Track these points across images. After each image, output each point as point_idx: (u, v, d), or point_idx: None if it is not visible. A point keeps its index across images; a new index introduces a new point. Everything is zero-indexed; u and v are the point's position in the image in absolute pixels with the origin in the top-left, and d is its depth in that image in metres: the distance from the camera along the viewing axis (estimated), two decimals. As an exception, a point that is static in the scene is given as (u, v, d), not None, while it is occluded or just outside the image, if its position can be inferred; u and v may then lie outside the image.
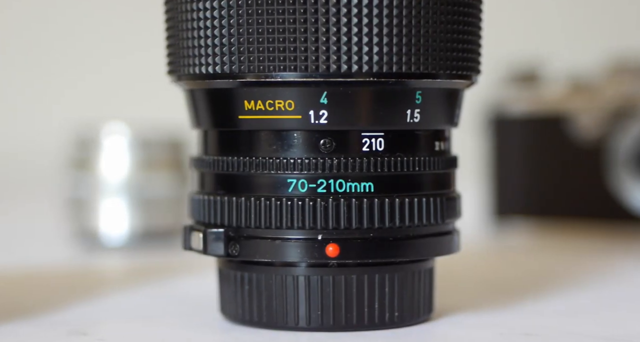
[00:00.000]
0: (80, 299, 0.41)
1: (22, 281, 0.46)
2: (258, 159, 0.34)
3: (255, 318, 0.35)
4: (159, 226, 0.59)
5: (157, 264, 0.53)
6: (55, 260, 0.54)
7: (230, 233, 0.35)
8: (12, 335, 0.34)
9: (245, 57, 0.33)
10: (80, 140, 0.59)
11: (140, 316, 0.37)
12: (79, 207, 0.58)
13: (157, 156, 0.59)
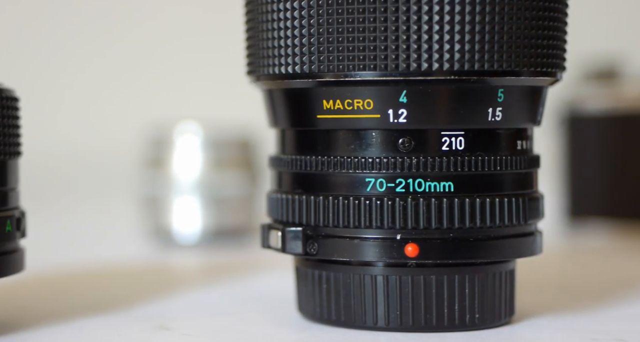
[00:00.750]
0: (162, 295, 0.42)
1: (102, 276, 0.48)
2: (336, 158, 0.34)
3: (333, 317, 0.35)
4: (229, 224, 0.60)
5: (230, 261, 0.54)
6: (131, 256, 0.55)
7: (308, 232, 0.35)
8: (103, 328, 0.35)
9: (324, 57, 0.33)
10: (154, 140, 0.60)
11: (220, 313, 0.38)
12: (153, 205, 0.60)
13: (229, 155, 0.60)
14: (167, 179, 0.59)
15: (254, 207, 0.62)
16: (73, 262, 0.50)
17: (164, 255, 0.56)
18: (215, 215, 0.59)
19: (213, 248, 0.58)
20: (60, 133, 0.98)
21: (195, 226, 0.59)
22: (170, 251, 0.58)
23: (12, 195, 0.34)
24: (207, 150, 0.59)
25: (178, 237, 0.59)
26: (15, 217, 0.34)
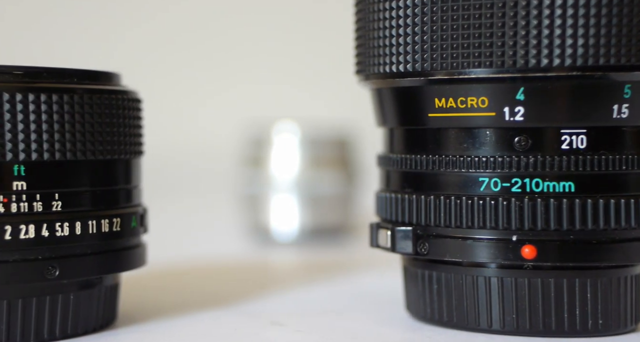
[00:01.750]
0: (268, 291, 0.43)
1: (207, 272, 0.49)
2: (448, 157, 0.34)
3: (444, 318, 0.34)
4: (326, 223, 0.60)
5: (328, 259, 0.54)
6: (232, 253, 0.56)
7: (419, 231, 0.34)
8: (219, 322, 0.36)
9: (437, 55, 0.33)
10: (253, 139, 0.61)
11: (329, 310, 0.38)
12: (252, 203, 0.60)
13: (326, 154, 0.60)
14: (266, 178, 0.60)
15: (351, 205, 0.61)
16: (177, 258, 0.51)
17: (262, 252, 0.57)
18: (313, 213, 0.59)
19: (310, 246, 0.58)
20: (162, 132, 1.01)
21: (292, 224, 0.59)
22: (268, 249, 0.58)
23: (135, 192, 0.35)
24: (304, 149, 0.59)
25: (276, 235, 0.59)
26: (139, 213, 0.35)
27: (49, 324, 0.32)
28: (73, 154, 0.32)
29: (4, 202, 0.31)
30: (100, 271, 0.34)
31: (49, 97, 0.32)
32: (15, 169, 0.31)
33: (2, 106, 0.31)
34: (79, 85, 0.33)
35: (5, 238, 0.31)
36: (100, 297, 0.34)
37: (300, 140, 0.59)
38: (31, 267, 0.32)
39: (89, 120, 0.33)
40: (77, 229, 0.33)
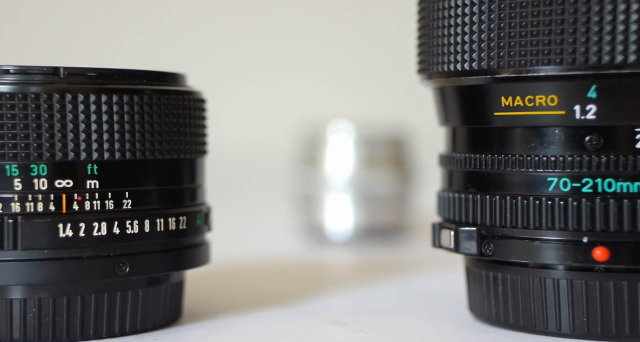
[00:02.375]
0: (327, 290, 0.43)
1: (265, 270, 0.49)
2: (514, 156, 0.33)
3: (510, 320, 0.34)
4: (381, 223, 0.59)
5: (384, 259, 0.53)
6: (287, 252, 0.56)
7: (483, 232, 0.34)
8: (281, 320, 0.36)
9: (504, 52, 0.32)
10: (308, 139, 0.61)
11: (390, 310, 0.38)
12: (307, 202, 0.60)
13: (380, 154, 0.60)
14: (320, 177, 0.60)
15: (406, 205, 0.61)
16: (234, 256, 0.52)
17: (317, 252, 0.57)
18: (367, 213, 0.59)
19: (364, 246, 0.58)
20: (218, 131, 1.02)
21: (347, 224, 0.59)
22: (322, 248, 0.58)
23: (200, 191, 0.36)
24: (359, 149, 0.59)
25: (330, 235, 0.59)
26: (203, 212, 0.35)
27: (120, 320, 0.33)
28: (142, 154, 0.33)
29: (78, 201, 0.32)
30: (167, 268, 0.34)
31: (120, 98, 0.32)
32: (88, 168, 0.32)
33: (77, 107, 0.32)
34: (148, 86, 0.34)
35: (79, 235, 0.32)
36: (167, 294, 0.35)
37: (355, 140, 0.59)
38: (103, 263, 0.32)
39: (157, 121, 0.33)
40: (146, 227, 0.33)
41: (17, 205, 0.31)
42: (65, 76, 0.32)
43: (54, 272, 0.32)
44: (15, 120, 0.31)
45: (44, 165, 0.32)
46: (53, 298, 0.32)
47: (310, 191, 0.60)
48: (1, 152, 0.31)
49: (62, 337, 0.32)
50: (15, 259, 0.31)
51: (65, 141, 0.32)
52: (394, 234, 0.60)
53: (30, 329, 0.32)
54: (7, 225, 0.31)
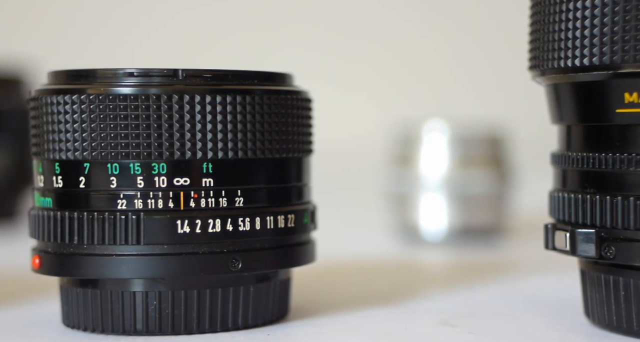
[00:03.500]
0: (430, 290, 0.43)
1: (363, 269, 0.49)
2: (638, 155, 0.32)
3: (634, 327, 0.32)
4: (477, 223, 0.59)
5: (483, 260, 0.53)
6: (382, 251, 0.56)
7: (603, 234, 0.32)
8: (387, 319, 0.36)
9: (630, 46, 0.31)
10: (402, 138, 0.61)
11: (500, 313, 0.37)
12: (400, 201, 0.60)
13: (477, 152, 0.59)
14: (414, 176, 0.60)
15: (505, 205, 0.60)
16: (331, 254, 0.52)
17: (412, 251, 0.57)
18: (462, 213, 0.59)
19: (460, 246, 0.57)
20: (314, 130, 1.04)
21: (441, 224, 0.59)
22: (417, 248, 0.58)
23: (306, 190, 0.36)
24: (454, 148, 0.59)
25: (424, 234, 0.59)
26: (310, 210, 0.36)
27: (233, 314, 0.34)
28: (253, 153, 0.34)
29: (195, 198, 0.33)
30: (276, 265, 0.35)
31: (233, 99, 0.33)
32: (204, 166, 0.33)
33: (194, 108, 0.33)
34: (259, 86, 0.34)
35: (195, 231, 0.33)
36: (275, 290, 0.35)
37: (450, 139, 0.59)
38: (217, 259, 0.33)
39: (267, 120, 0.34)
40: (256, 224, 0.34)
41: (139, 202, 0.33)
42: (183, 78, 0.33)
43: (172, 267, 0.33)
44: (138, 120, 0.33)
45: (164, 163, 0.33)
46: (172, 292, 0.33)
47: (404, 190, 0.60)
48: (126, 151, 0.33)
49: (180, 330, 0.33)
50: (138, 253, 0.33)
51: (183, 140, 0.33)
52: (491, 234, 0.59)
53: (152, 321, 0.33)
54: (131, 221, 0.33)
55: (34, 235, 0.34)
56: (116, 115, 0.33)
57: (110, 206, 0.33)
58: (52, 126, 0.33)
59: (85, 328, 0.34)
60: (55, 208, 0.33)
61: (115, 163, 0.33)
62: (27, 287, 0.43)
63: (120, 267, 0.33)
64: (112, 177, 0.33)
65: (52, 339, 0.33)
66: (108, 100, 0.33)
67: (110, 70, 0.33)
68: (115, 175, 0.33)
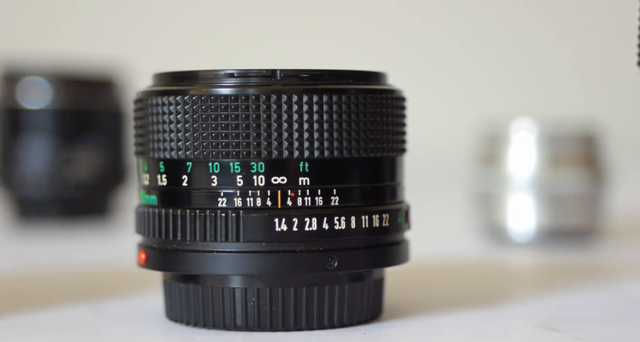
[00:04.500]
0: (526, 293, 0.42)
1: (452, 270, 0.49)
2: None
3: None
4: (568, 224, 0.58)
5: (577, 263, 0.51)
6: (468, 252, 0.56)
7: None
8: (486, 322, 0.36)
9: None
10: (489, 136, 0.60)
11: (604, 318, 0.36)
12: (487, 201, 0.60)
13: (567, 152, 0.58)
14: (502, 176, 0.59)
15: (599, 207, 0.59)
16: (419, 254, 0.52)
17: (500, 252, 0.56)
18: (552, 213, 0.57)
19: (549, 248, 0.56)
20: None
21: (529, 224, 0.58)
22: (504, 249, 0.57)
23: (400, 189, 0.36)
24: (543, 147, 0.58)
25: (512, 235, 0.58)
26: (404, 210, 0.36)
27: (328, 312, 0.34)
28: (348, 152, 0.34)
29: (292, 197, 0.34)
30: (371, 264, 0.35)
31: (329, 98, 0.34)
32: (300, 165, 0.34)
33: (292, 107, 0.33)
34: (354, 85, 0.35)
35: (292, 229, 0.33)
36: (370, 290, 0.35)
37: (538, 138, 0.58)
38: (314, 257, 0.34)
39: (362, 119, 0.34)
40: (352, 223, 0.34)
41: (239, 200, 0.34)
42: (281, 78, 0.34)
43: (270, 264, 0.33)
44: (238, 120, 0.33)
45: (262, 162, 0.34)
46: (269, 289, 0.34)
47: (491, 190, 0.60)
48: (226, 151, 0.34)
49: (278, 326, 0.34)
50: (238, 250, 0.33)
51: (280, 140, 0.33)
52: (583, 236, 0.58)
53: (251, 317, 0.34)
54: (231, 218, 0.33)
55: (140, 231, 0.36)
56: (217, 116, 0.34)
57: (211, 204, 0.34)
58: (157, 126, 0.34)
59: (188, 322, 0.35)
60: (159, 205, 0.35)
61: (215, 162, 0.34)
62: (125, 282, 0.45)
63: (220, 263, 0.34)
64: (213, 175, 0.34)
65: (157, 332, 0.34)
66: (210, 101, 0.34)
67: (211, 72, 0.34)
68: (215, 174, 0.34)
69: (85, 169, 0.71)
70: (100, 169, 0.71)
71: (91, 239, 0.65)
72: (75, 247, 0.61)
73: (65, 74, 0.72)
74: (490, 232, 0.60)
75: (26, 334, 0.34)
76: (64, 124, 0.71)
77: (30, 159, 0.70)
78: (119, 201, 0.74)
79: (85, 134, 0.71)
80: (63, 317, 0.37)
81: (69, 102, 0.71)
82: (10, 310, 0.37)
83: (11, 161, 0.70)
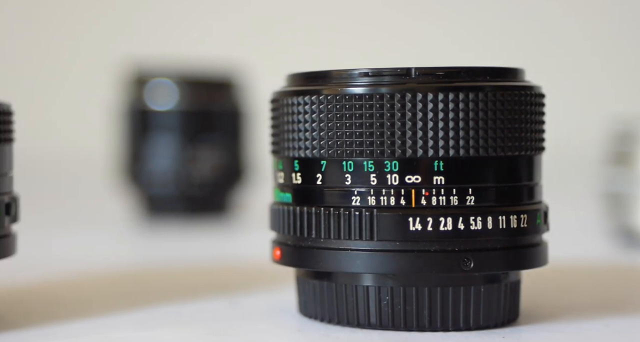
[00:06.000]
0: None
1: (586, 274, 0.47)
2: None
3: None
4: None
5: None
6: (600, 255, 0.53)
7: None
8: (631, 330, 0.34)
9: None
10: (620, 134, 0.58)
11: None
12: (619, 202, 0.57)
13: None
14: (634, 176, 0.56)
15: None
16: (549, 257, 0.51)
17: (633, 256, 0.54)
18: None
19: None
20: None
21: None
22: (638, 252, 0.55)
23: (537, 189, 0.35)
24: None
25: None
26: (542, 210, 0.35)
27: (464, 314, 0.34)
28: (485, 150, 0.33)
29: (426, 196, 0.33)
30: (508, 266, 0.34)
31: (466, 96, 0.33)
32: (435, 164, 0.33)
33: (427, 106, 0.33)
34: (491, 82, 0.34)
35: (427, 229, 0.33)
36: (506, 292, 0.34)
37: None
38: (449, 258, 0.33)
39: (499, 117, 0.34)
40: (488, 224, 0.34)
41: (372, 199, 0.34)
42: (416, 76, 0.34)
43: (404, 264, 0.33)
44: (372, 119, 0.33)
45: (396, 161, 0.33)
46: (403, 288, 0.34)
47: (623, 191, 0.57)
48: (360, 150, 0.34)
49: (412, 326, 0.34)
50: (371, 249, 0.33)
51: (415, 138, 0.33)
52: None
53: (385, 315, 0.34)
54: (365, 217, 0.33)
55: (275, 228, 0.36)
56: (351, 115, 0.34)
57: (344, 202, 0.34)
58: (292, 126, 0.35)
59: (322, 319, 0.35)
60: (294, 203, 0.35)
61: (349, 161, 0.34)
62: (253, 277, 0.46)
63: (354, 261, 0.34)
64: (347, 174, 0.34)
65: (292, 327, 0.35)
66: (344, 100, 0.34)
67: (345, 71, 0.35)
68: (349, 172, 0.34)
69: (207, 167, 0.73)
70: (220, 167, 0.73)
71: (214, 236, 0.67)
72: (200, 243, 0.63)
73: (189, 76, 0.74)
74: (622, 235, 0.57)
75: (168, 324, 0.36)
76: (188, 125, 0.73)
77: (158, 158, 0.72)
78: (237, 199, 0.76)
79: (207, 134, 0.73)
80: (201, 309, 0.38)
81: (192, 103, 0.74)
82: (149, 302, 0.39)
83: (140, 160, 0.73)
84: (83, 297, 0.42)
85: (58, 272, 0.48)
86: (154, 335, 0.34)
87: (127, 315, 0.37)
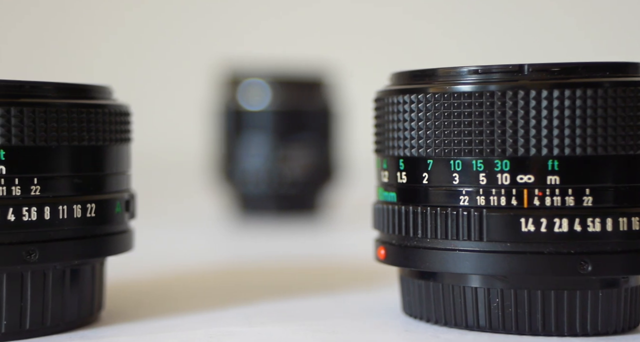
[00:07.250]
0: None
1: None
2: None
3: None
4: None
5: None
6: None
7: None
8: None
9: None
10: None
11: None
12: None
13: None
14: None
15: None
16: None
17: None
18: None
19: None
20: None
21: None
22: None
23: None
24: None
25: None
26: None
27: (580, 319, 0.32)
28: (603, 149, 0.32)
29: (539, 196, 0.32)
30: (629, 270, 0.32)
31: (583, 92, 0.32)
32: (549, 163, 0.32)
33: (540, 103, 0.32)
34: (609, 78, 0.32)
35: (540, 230, 0.32)
36: (626, 297, 0.33)
37: None
38: (564, 260, 0.32)
39: (619, 114, 0.32)
40: (607, 226, 0.32)
41: (481, 198, 0.33)
42: (529, 73, 0.33)
43: (515, 265, 0.32)
44: (482, 117, 0.33)
45: (507, 160, 0.32)
46: (514, 290, 0.32)
47: None
48: (468, 148, 0.33)
49: (524, 330, 0.32)
50: (480, 249, 0.33)
51: (527, 137, 0.32)
52: None
53: (495, 318, 0.33)
54: (473, 217, 0.33)
55: (378, 227, 0.36)
56: (459, 113, 0.33)
57: (452, 202, 0.33)
58: (397, 125, 0.34)
59: (428, 319, 0.35)
60: (399, 202, 0.35)
61: (457, 160, 0.33)
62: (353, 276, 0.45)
63: (463, 262, 0.33)
64: (455, 173, 0.33)
65: (398, 327, 0.34)
66: (453, 98, 0.33)
67: (452, 69, 0.34)
68: (457, 171, 0.33)
69: (298, 166, 0.73)
70: (311, 166, 0.73)
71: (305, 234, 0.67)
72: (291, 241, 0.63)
73: (281, 76, 0.75)
74: None
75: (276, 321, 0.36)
76: (280, 124, 0.73)
77: (251, 157, 0.73)
78: (328, 198, 0.76)
79: (298, 133, 0.73)
80: (306, 306, 0.38)
81: (284, 103, 0.74)
82: (253, 298, 0.39)
83: (234, 159, 0.74)
84: (190, 292, 0.43)
85: (162, 266, 0.49)
86: (265, 330, 0.34)
87: (234, 310, 0.37)
